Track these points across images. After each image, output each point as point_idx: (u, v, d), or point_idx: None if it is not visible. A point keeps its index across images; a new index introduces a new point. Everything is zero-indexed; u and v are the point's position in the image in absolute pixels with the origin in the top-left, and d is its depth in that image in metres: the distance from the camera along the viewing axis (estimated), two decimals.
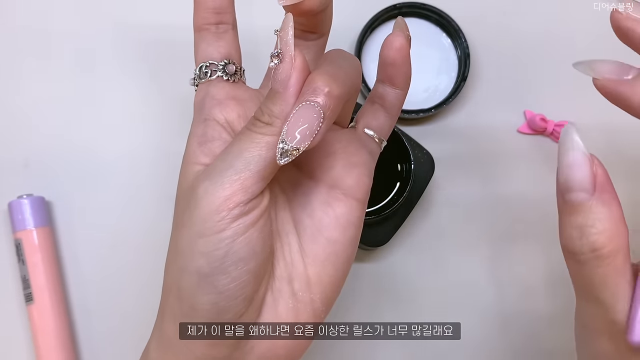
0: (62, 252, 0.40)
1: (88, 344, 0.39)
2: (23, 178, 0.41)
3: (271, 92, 0.23)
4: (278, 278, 0.26)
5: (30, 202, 0.39)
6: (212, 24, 0.28)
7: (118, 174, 0.41)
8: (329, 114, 0.22)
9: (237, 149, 0.23)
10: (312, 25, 0.27)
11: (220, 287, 0.23)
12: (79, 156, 0.41)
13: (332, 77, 0.23)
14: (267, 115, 0.23)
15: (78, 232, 0.40)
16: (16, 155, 0.41)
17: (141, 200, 0.41)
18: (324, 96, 0.22)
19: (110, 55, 0.42)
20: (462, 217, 0.41)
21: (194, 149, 0.26)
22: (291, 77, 0.23)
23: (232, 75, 0.28)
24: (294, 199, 0.27)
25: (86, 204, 0.40)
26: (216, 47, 0.28)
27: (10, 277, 0.39)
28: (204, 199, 0.23)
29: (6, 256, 0.40)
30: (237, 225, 0.23)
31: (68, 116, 0.42)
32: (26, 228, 0.38)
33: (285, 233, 0.26)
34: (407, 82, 0.26)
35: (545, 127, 0.42)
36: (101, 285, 0.40)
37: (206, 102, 0.27)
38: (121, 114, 0.42)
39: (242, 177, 0.23)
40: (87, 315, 0.39)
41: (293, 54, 0.22)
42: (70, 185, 0.41)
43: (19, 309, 0.39)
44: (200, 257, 0.23)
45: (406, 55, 0.25)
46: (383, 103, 0.27)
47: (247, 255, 0.23)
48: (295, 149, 0.22)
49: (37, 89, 0.42)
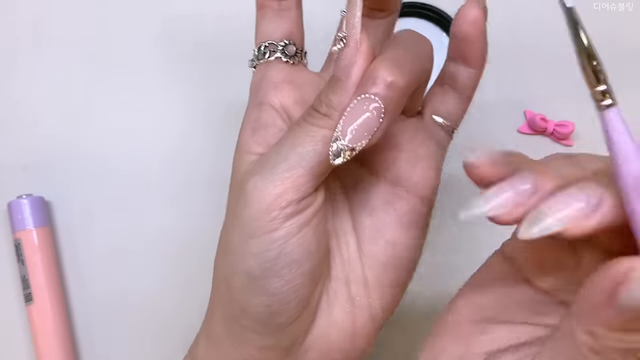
0: (61, 252, 0.40)
1: (87, 344, 0.39)
2: (23, 178, 0.40)
3: (332, 80, 0.21)
4: (334, 279, 0.24)
5: (30, 202, 0.38)
6: (274, 0, 0.25)
7: (118, 174, 0.41)
8: (392, 108, 0.20)
9: (291, 142, 0.21)
10: (379, 2, 0.24)
11: (272, 290, 0.21)
12: (78, 156, 0.41)
13: (398, 64, 0.20)
14: (325, 105, 0.21)
15: (78, 232, 0.40)
16: (16, 155, 0.41)
17: (141, 200, 0.41)
18: (386, 88, 0.19)
19: (111, 55, 0.42)
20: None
21: (248, 136, 0.24)
22: (355, 64, 0.20)
23: (292, 57, 0.25)
24: (353, 196, 0.25)
25: (86, 204, 0.40)
26: (277, 26, 0.25)
27: (10, 277, 0.39)
28: (254, 195, 0.21)
29: (6, 256, 0.40)
30: (289, 225, 0.21)
31: (68, 116, 0.41)
32: (26, 228, 0.38)
33: (343, 232, 0.24)
34: (482, 61, 0.23)
35: (546, 127, 0.42)
36: (101, 286, 0.40)
37: (262, 85, 0.25)
38: (121, 114, 0.42)
39: (294, 174, 0.21)
40: (86, 315, 0.39)
41: (359, 38, 0.20)
42: (70, 185, 0.41)
43: (18, 309, 0.39)
44: (251, 258, 0.21)
45: (482, 29, 0.22)
46: (454, 84, 0.24)
47: (301, 256, 0.21)
48: (350, 149, 0.20)
49: (37, 88, 0.42)
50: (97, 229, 0.40)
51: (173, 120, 0.42)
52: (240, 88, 0.42)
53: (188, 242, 0.40)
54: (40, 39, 0.42)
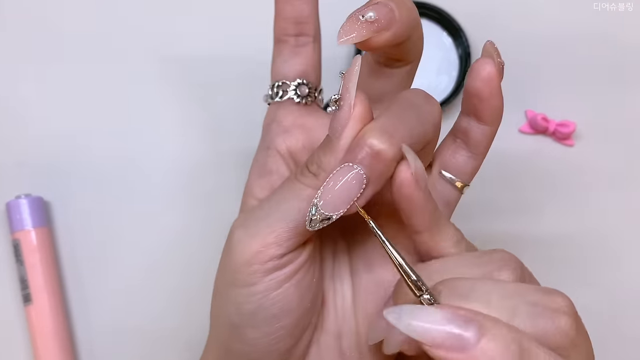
0: (60, 252, 0.40)
1: (86, 344, 0.39)
2: (21, 178, 0.40)
3: (325, 140, 0.20)
4: (326, 331, 0.23)
5: (29, 202, 0.38)
6: (291, 35, 0.25)
7: (117, 174, 0.41)
8: (376, 178, 0.19)
9: (277, 198, 0.21)
10: (394, 53, 0.23)
11: (251, 340, 0.21)
12: (77, 156, 0.41)
13: (389, 131, 0.19)
14: (315, 164, 0.20)
15: (77, 233, 0.40)
16: (14, 154, 0.41)
17: (140, 201, 0.40)
18: (371, 157, 0.19)
19: (111, 56, 0.42)
20: (461, 216, 0.41)
21: (253, 179, 0.24)
22: (346, 127, 0.19)
23: (305, 98, 0.25)
24: (353, 246, 0.24)
25: (85, 204, 0.40)
26: (291, 64, 0.25)
27: (8, 278, 0.39)
28: (237, 248, 0.21)
29: (4, 257, 0.39)
30: (269, 280, 0.20)
31: (67, 115, 0.41)
32: (24, 228, 0.38)
33: (340, 281, 0.24)
34: (496, 118, 0.22)
35: (547, 126, 0.42)
36: (100, 286, 0.39)
37: (272, 128, 0.25)
38: (121, 114, 0.42)
39: (276, 230, 0.20)
40: (85, 316, 0.39)
41: (353, 102, 0.19)
42: (69, 185, 0.40)
43: (17, 309, 0.39)
44: (231, 306, 0.21)
45: (496, 87, 0.21)
46: (466, 140, 0.23)
47: (280, 312, 0.21)
48: (325, 218, 0.19)
49: (36, 88, 0.42)
50: (96, 229, 0.40)
51: (173, 121, 0.41)
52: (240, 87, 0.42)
53: (187, 242, 0.40)
54: (40, 39, 0.42)
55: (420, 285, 0.18)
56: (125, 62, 0.42)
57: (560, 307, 0.17)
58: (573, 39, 0.44)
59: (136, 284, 0.39)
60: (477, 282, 0.18)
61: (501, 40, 0.44)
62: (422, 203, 0.20)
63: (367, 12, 0.20)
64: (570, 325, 0.17)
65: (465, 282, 0.18)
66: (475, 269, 0.19)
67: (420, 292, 0.18)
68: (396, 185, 0.19)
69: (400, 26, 0.20)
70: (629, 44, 0.44)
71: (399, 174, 0.19)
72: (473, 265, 0.19)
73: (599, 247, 0.41)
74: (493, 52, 0.21)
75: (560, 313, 0.17)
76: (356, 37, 0.20)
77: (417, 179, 0.19)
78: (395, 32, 0.20)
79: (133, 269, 0.40)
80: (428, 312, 0.16)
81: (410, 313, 0.16)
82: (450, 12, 0.43)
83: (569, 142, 0.42)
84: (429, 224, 0.20)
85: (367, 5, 0.20)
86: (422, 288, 0.18)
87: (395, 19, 0.20)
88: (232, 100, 0.42)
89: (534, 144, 0.43)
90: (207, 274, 0.26)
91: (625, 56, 0.44)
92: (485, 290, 0.17)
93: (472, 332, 0.16)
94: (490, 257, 0.19)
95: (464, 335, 0.16)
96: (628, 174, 0.42)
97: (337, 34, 0.20)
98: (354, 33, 0.20)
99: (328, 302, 0.23)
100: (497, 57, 0.21)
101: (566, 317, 0.17)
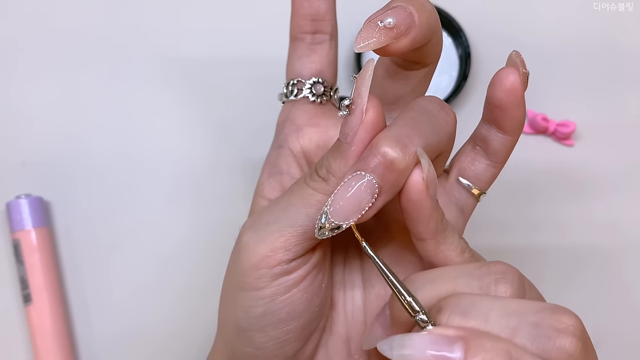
0: (60, 252, 0.40)
1: (86, 344, 0.39)
2: (21, 178, 0.40)
3: (335, 144, 0.20)
4: (335, 335, 0.23)
5: (29, 202, 0.38)
6: (307, 33, 0.25)
7: (117, 174, 0.41)
8: (388, 189, 0.18)
9: (286, 202, 0.20)
10: (413, 56, 0.22)
11: (257, 343, 0.21)
12: (77, 156, 0.41)
13: (404, 141, 0.18)
14: (325, 168, 0.20)
15: (76, 233, 0.40)
16: (14, 154, 0.41)
17: (140, 201, 0.40)
18: (384, 166, 0.18)
19: (114, 57, 0.42)
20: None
21: (264, 178, 0.24)
22: (357, 133, 0.19)
23: (320, 96, 0.25)
24: (365, 252, 0.24)
25: (85, 204, 0.40)
26: (306, 63, 0.25)
27: (9, 278, 0.39)
28: (245, 251, 0.20)
29: (4, 257, 0.39)
30: (277, 285, 0.20)
31: (67, 116, 0.41)
32: (24, 228, 0.38)
33: (352, 285, 0.24)
34: (517, 129, 0.22)
35: (547, 126, 0.42)
36: (100, 286, 0.39)
37: (285, 126, 0.24)
38: (123, 115, 0.42)
39: (285, 235, 0.20)
40: (85, 316, 0.39)
41: (365, 107, 0.19)
42: (69, 185, 0.40)
43: (17, 309, 0.39)
44: (239, 310, 0.21)
45: (519, 97, 0.20)
46: (486, 148, 0.22)
47: (287, 316, 0.21)
48: (335, 227, 0.18)
49: (37, 88, 0.42)
50: (96, 229, 0.40)
51: (176, 122, 0.41)
52: (239, 87, 0.42)
53: (187, 241, 0.40)
54: (40, 39, 0.42)
55: (414, 307, 0.18)
56: (128, 63, 0.42)
57: (566, 327, 0.17)
58: (573, 39, 0.44)
59: (136, 284, 0.39)
60: (477, 299, 0.17)
61: (501, 40, 0.44)
62: (429, 210, 0.19)
63: (386, 18, 0.19)
64: (575, 347, 0.17)
65: (466, 299, 0.18)
66: (472, 280, 0.19)
67: (415, 314, 0.18)
68: (405, 189, 0.19)
69: (420, 31, 0.20)
70: (628, 44, 0.44)
71: (410, 178, 0.19)
72: (471, 277, 0.19)
73: (599, 246, 0.41)
74: (518, 62, 0.21)
75: (566, 334, 0.17)
76: (374, 44, 0.19)
77: (428, 185, 0.19)
78: (414, 38, 0.20)
79: (133, 269, 0.39)
80: (415, 340, 0.16)
81: (400, 343, 0.17)
82: (450, 12, 0.43)
83: (569, 142, 0.42)
84: (434, 232, 0.20)
85: (385, 9, 0.20)
86: (418, 309, 0.18)
87: (415, 24, 0.20)
88: (237, 101, 0.42)
89: (534, 144, 0.43)
90: (209, 276, 0.25)
91: (625, 56, 0.44)
92: (485, 308, 0.17)
93: (458, 351, 0.16)
94: (489, 269, 0.19)
95: (450, 357, 0.16)
96: (628, 173, 0.42)
97: (355, 40, 0.19)
98: (373, 39, 0.19)
99: (338, 306, 0.23)
100: (522, 68, 0.21)
101: (571, 338, 0.17)
